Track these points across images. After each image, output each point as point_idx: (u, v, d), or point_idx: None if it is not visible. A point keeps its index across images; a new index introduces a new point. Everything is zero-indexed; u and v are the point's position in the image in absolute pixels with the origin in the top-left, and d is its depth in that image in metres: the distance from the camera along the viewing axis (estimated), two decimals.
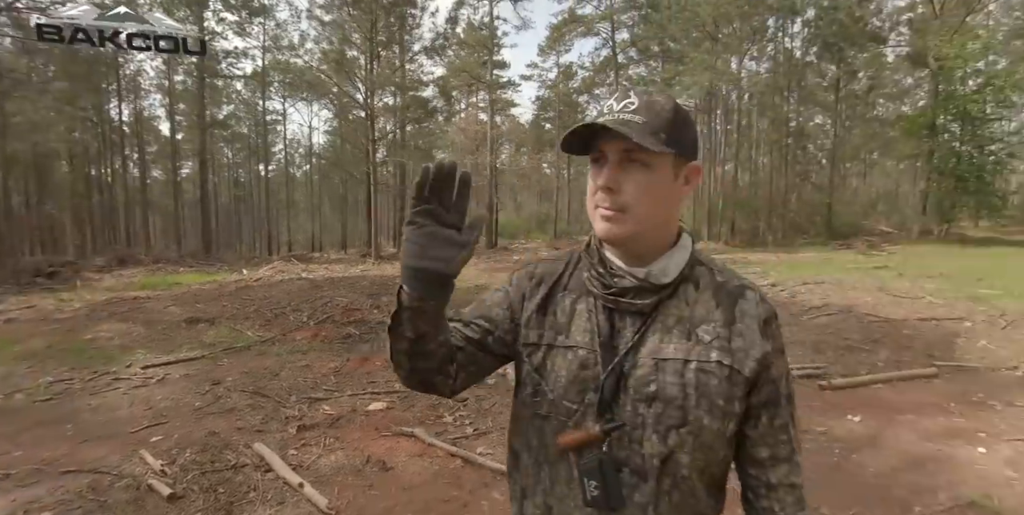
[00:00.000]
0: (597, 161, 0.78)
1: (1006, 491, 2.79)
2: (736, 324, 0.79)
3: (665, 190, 0.77)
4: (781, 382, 0.80)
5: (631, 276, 0.80)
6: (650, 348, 0.78)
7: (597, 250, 0.85)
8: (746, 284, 0.83)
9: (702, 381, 0.76)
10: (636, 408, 0.77)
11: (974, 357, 5.24)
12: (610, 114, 0.75)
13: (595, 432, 0.77)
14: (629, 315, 0.81)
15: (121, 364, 5.61)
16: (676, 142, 0.76)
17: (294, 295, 9.31)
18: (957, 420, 3.76)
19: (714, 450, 0.78)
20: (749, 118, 27.86)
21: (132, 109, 28.87)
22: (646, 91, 0.78)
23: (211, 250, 24.53)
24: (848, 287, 8.61)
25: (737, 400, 0.77)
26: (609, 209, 0.76)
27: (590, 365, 0.80)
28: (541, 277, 0.90)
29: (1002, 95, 19.85)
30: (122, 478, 3.10)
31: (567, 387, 0.81)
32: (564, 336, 0.83)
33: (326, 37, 20.79)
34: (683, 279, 0.82)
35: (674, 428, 0.76)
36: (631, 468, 0.77)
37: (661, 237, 0.82)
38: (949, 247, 17.85)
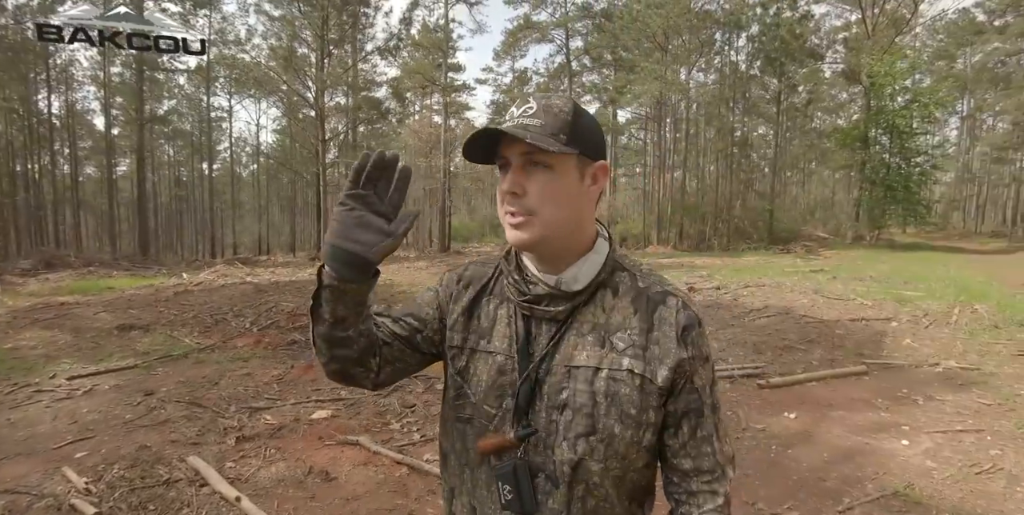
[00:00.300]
0: (503, 168, 0.78)
1: (926, 481, 2.97)
2: (653, 332, 0.78)
3: (570, 191, 0.77)
4: (704, 391, 0.79)
5: (543, 283, 0.80)
6: (564, 355, 0.78)
7: (516, 256, 0.85)
8: (669, 290, 0.82)
9: (612, 389, 0.76)
10: (550, 415, 0.77)
11: (900, 355, 5.58)
12: (511, 120, 0.76)
13: (510, 438, 0.78)
14: (545, 322, 0.81)
15: (44, 375, 5.22)
16: (577, 142, 0.75)
17: (237, 300, 8.94)
18: (883, 415, 3.99)
19: (629, 459, 0.78)
20: (697, 127, 28.90)
21: (63, 101, 27.07)
22: (546, 95, 0.77)
23: (149, 253, 23.28)
24: (787, 290, 9.02)
25: (651, 409, 0.77)
26: (516, 214, 0.76)
27: (507, 371, 0.81)
28: (469, 280, 0.90)
29: (927, 111, 21.39)
30: (42, 498, 2.87)
31: (487, 392, 0.81)
32: (486, 341, 0.84)
33: (275, 33, 20.16)
34: (600, 285, 0.81)
35: (583, 436, 0.76)
36: (545, 474, 0.78)
37: (575, 241, 0.80)
38: (879, 252, 19.04)
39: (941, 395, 4.37)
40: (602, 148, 0.80)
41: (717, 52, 27.75)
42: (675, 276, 12.12)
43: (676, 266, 15.37)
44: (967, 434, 3.59)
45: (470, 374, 0.84)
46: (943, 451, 3.35)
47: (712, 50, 27.09)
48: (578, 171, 0.77)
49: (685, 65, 24.96)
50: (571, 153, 0.75)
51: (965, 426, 3.72)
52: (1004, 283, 10.25)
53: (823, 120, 34.74)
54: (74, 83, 27.23)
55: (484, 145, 0.77)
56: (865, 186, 22.96)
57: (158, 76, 27.16)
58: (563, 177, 0.76)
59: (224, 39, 24.33)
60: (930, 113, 21.62)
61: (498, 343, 0.83)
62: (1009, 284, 10.12)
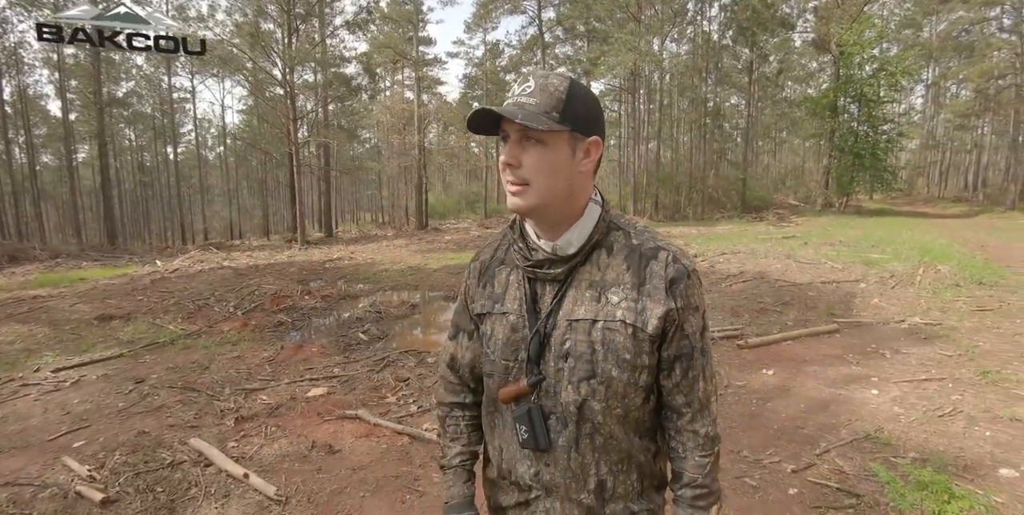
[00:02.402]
0: (504, 139, 0.85)
1: (894, 425, 3.20)
2: (645, 285, 0.86)
3: (561, 164, 0.83)
4: (695, 337, 0.89)
5: (542, 250, 0.90)
6: (565, 311, 0.88)
7: (520, 226, 0.95)
8: (661, 245, 0.89)
9: (608, 338, 0.85)
10: (556, 364, 0.88)
11: (868, 314, 5.86)
12: (511, 98, 0.83)
13: (524, 385, 0.89)
14: (548, 283, 0.91)
15: (28, 369, 5.12)
16: (570, 119, 0.81)
17: (217, 285, 8.84)
18: (854, 368, 4.23)
19: (628, 398, 0.88)
20: (671, 98, 28.87)
21: (14, 86, 25.60)
22: (545, 74, 0.84)
23: (117, 242, 22.61)
24: (761, 256, 9.28)
25: (644, 354, 0.87)
26: (513, 183, 0.84)
27: (519, 328, 0.91)
28: (484, 260, 1.01)
29: (893, 79, 21.71)
30: (46, 488, 2.87)
31: (503, 348, 0.92)
32: (500, 304, 0.95)
33: (239, 8, 19.27)
34: (595, 246, 0.90)
35: (584, 379, 0.87)
36: (556, 415, 0.89)
37: (569, 208, 0.87)
38: (848, 218, 19.59)
39: (907, 349, 4.64)
40: (598, 124, 0.87)
41: (690, 22, 27.56)
42: None
43: None
44: (931, 382, 3.84)
45: (489, 335, 0.95)
46: (909, 398, 3.59)
47: (685, 20, 26.88)
48: (569, 146, 0.83)
49: (658, 36, 24.76)
50: (562, 130, 0.81)
51: (929, 375, 3.98)
52: (965, 245, 10.74)
53: (794, 89, 34.98)
54: (24, 66, 25.76)
55: (486, 119, 0.84)
56: (834, 154, 23.36)
57: (114, 57, 25.88)
58: (555, 152, 0.82)
59: (185, 16, 23.25)
60: (897, 81, 21.96)
61: (510, 305, 0.93)
62: (969, 246, 10.61)
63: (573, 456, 0.89)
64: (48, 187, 31.69)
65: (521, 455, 0.93)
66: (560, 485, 0.91)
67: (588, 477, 0.90)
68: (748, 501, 2.50)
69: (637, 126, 26.56)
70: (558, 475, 0.90)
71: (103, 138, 23.75)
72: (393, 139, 27.43)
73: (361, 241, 19.65)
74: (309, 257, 13.71)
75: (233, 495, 2.76)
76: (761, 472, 2.72)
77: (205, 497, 2.76)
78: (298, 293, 8.19)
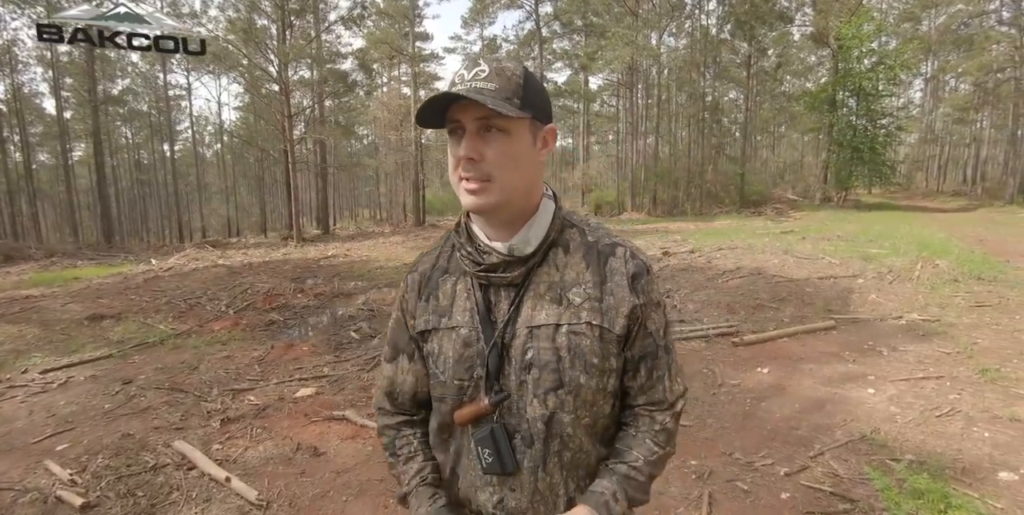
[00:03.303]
0: (454, 133, 0.77)
1: (891, 425, 3.14)
2: (607, 283, 0.81)
3: (526, 155, 0.78)
4: (658, 335, 0.85)
5: (496, 252, 0.81)
6: (524, 317, 0.81)
7: (466, 228, 0.86)
8: (617, 242, 0.85)
9: (574, 343, 0.79)
10: (519, 376, 0.80)
11: (865, 310, 5.80)
12: (462, 83, 0.75)
13: (485, 405, 0.80)
14: (503, 288, 0.83)
15: (15, 370, 5.07)
16: (530, 106, 0.76)
17: (210, 283, 8.78)
18: (851, 366, 4.17)
19: (597, 405, 0.82)
20: (669, 93, 28.76)
21: (9, 84, 25.44)
22: (496, 58, 0.77)
23: (113, 240, 22.54)
24: (758, 251, 9.21)
25: (612, 356, 0.81)
26: (474, 180, 0.76)
27: (473, 342, 0.82)
28: (424, 272, 0.91)
29: (892, 73, 21.61)
30: (27, 492, 2.83)
31: (455, 367, 0.83)
32: (447, 318, 0.85)
33: (232, 4, 19.14)
34: (551, 244, 0.83)
35: (552, 390, 0.79)
36: (521, 434, 0.81)
37: (527, 204, 0.82)
38: (846, 212, 19.52)
39: (904, 346, 4.57)
40: (550, 111, 0.82)
41: (688, 16, 27.42)
42: (650, 241, 12.28)
43: (651, 231, 15.55)
44: (928, 381, 3.78)
45: (437, 354, 0.85)
46: (906, 397, 3.52)
47: (683, 14, 26.75)
48: (531, 135, 0.78)
49: (656, 30, 24.63)
50: (525, 117, 0.75)
51: (926, 374, 3.91)
52: (964, 239, 10.67)
53: (792, 84, 34.83)
54: (18, 64, 25.60)
55: (435, 110, 0.75)
56: (833, 148, 23.28)
57: (109, 54, 25.69)
58: (519, 141, 0.76)
59: (178, 12, 23.07)
60: (895, 75, 21.87)
61: (459, 317, 0.84)
62: (968, 240, 10.54)
63: (540, 476, 0.81)
64: (45, 186, 31.59)
65: (482, 482, 0.84)
66: (527, 510, 0.83)
67: (557, 498, 0.82)
68: (739, 506, 2.43)
69: (635, 121, 26.47)
70: (524, 500, 0.82)
71: (98, 136, 23.63)
72: (390, 136, 27.27)
73: (358, 238, 19.58)
74: (304, 254, 13.64)
75: (215, 499, 2.71)
76: (753, 475, 2.66)
77: (186, 501, 2.71)
78: (291, 291, 8.13)
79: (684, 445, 2.98)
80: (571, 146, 47.30)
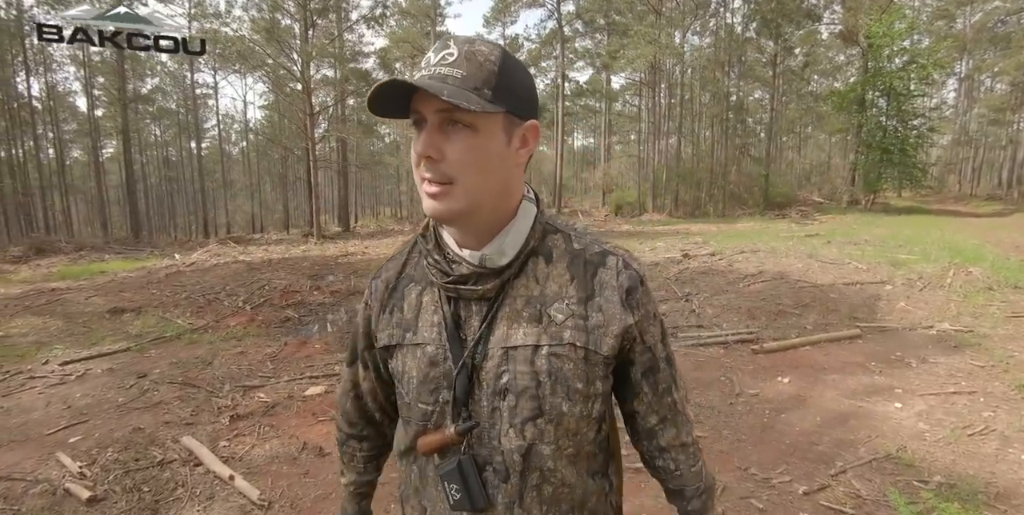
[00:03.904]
0: (418, 124, 0.67)
1: (919, 443, 2.98)
2: (595, 298, 0.72)
3: (496, 155, 0.67)
4: (657, 348, 0.78)
5: (466, 262, 0.72)
6: (499, 336, 0.71)
7: (434, 233, 0.77)
8: (608, 250, 0.75)
9: (555, 366, 0.70)
10: (492, 403, 0.71)
11: (894, 318, 5.58)
12: (427, 68, 0.65)
13: (451, 433, 0.71)
14: (474, 302, 0.73)
15: (37, 361, 5.19)
16: (506, 98, 0.65)
17: (229, 279, 8.88)
18: (877, 378, 3.99)
19: (581, 433, 0.74)
20: (692, 92, 28.37)
21: (43, 83, 26.27)
22: (469, 39, 0.66)
23: (141, 235, 23.08)
24: (781, 255, 8.98)
25: (599, 379, 0.73)
26: (433, 182, 0.66)
27: (440, 361, 0.73)
28: (389, 279, 0.82)
29: (925, 72, 20.97)
30: (37, 483, 2.87)
31: (419, 388, 0.74)
32: (412, 333, 0.76)
33: (256, 3, 19.44)
34: (531, 253, 0.74)
35: (530, 420, 0.70)
36: (493, 467, 0.72)
37: (501, 210, 0.71)
38: (874, 216, 18.99)
39: (935, 357, 4.37)
40: (534, 106, 0.71)
41: (712, 14, 27.00)
42: (670, 243, 12.09)
43: (671, 233, 15.33)
44: (960, 396, 3.59)
45: (400, 372, 0.76)
46: (936, 413, 3.35)
47: (707, 12, 26.34)
48: (505, 132, 0.67)
49: (680, 28, 24.30)
50: (497, 111, 0.64)
51: (958, 388, 3.72)
52: (999, 246, 10.26)
53: (820, 83, 34.14)
54: (53, 64, 26.41)
55: (394, 98, 0.65)
56: (861, 149, 22.71)
57: (139, 54, 26.33)
58: (487, 139, 0.65)
59: (204, 13, 23.53)
60: (928, 74, 21.23)
61: (425, 333, 0.74)
62: (1004, 246, 10.13)
63: (517, 513, 0.72)
64: (77, 181, 32.51)
65: None
66: None
67: None
68: None
69: (657, 121, 26.16)
70: None
71: (127, 134, 24.24)
72: (411, 134, 27.36)
73: (377, 236, 19.71)
74: (323, 252, 13.76)
75: (217, 497, 2.71)
76: (769, 493, 2.53)
77: (190, 499, 2.71)
78: (307, 288, 8.17)
79: None
80: (592, 146, 47.01)
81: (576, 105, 36.80)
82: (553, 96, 31.95)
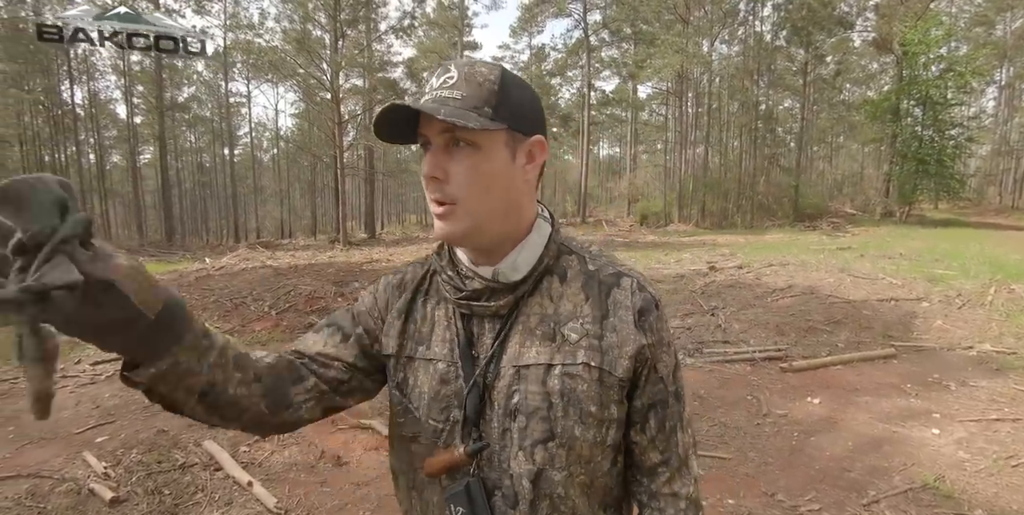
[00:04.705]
0: (425, 147, 0.68)
1: (958, 473, 2.83)
2: (609, 318, 0.70)
3: (500, 172, 0.67)
4: (669, 379, 0.74)
5: (479, 277, 0.71)
6: (511, 355, 0.70)
7: (448, 250, 0.76)
8: (623, 271, 0.74)
9: (568, 387, 0.68)
10: (502, 424, 0.69)
11: (931, 337, 5.36)
12: (429, 93, 0.66)
13: (460, 454, 0.69)
14: (487, 319, 0.72)
15: (70, 360, 5.35)
16: (507, 115, 0.66)
17: (256, 284, 9.03)
18: (913, 401, 3.83)
19: (595, 462, 0.70)
20: (720, 101, 28.07)
21: (86, 91, 27.49)
22: (468, 62, 0.68)
23: (174, 238, 23.77)
24: (812, 268, 8.76)
25: (614, 404, 0.70)
26: (440, 202, 0.66)
27: (451, 379, 0.72)
28: (406, 282, 0.81)
29: (963, 81, 20.38)
30: (64, 482, 2.94)
31: (430, 405, 0.72)
32: (424, 347, 0.74)
33: (288, 15, 20.02)
34: (545, 271, 0.73)
35: (540, 443, 0.68)
36: (502, 491, 0.69)
37: (511, 227, 0.71)
38: (910, 228, 18.41)
39: (975, 381, 4.19)
40: (539, 121, 0.71)
41: (741, 23, 26.75)
42: (696, 254, 11.90)
43: (698, 244, 15.10)
44: (1003, 423, 3.42)
45: (410, 386, 0.74)
46: (976, 441, 3.19)
47: (736, 21, 26.11)
48: (508, 149, 0.68)
49: (707, 37, 24.12)
50: (497, 129, 0.65)
51: (1001, 414, 3.55)
52: None
53: (852, 92, 33.43)
54: (96, 73, 27.60)
55: (400, 124, 0.67)
56: (896, 160, 22.13)
57: (177, 63, 27.33)
58: (491, 157, 0.66)
59: (238, 24, 24.31)
60: (966, 83, 20.63)
61: (438, 349, 0.73)
62: None
63: None
64: (116, 186, 33.76)
65: None
66: None
67: None
68: None
69: (684, 130, 25.93)
70: None
71: (164, 140, 25.10)
72: None
73: (403, 243, 19.90)
74: (349, 258, 13.93)
75: (236, 503, 2.73)
76: None
77: (208, 503, 2.74)
78: (331, 294, 8.26)
79: (722, 480, 2.78)
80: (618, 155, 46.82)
81: (602, 114, 36.76)
82: (579, 105, 31.99)
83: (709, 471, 2.91)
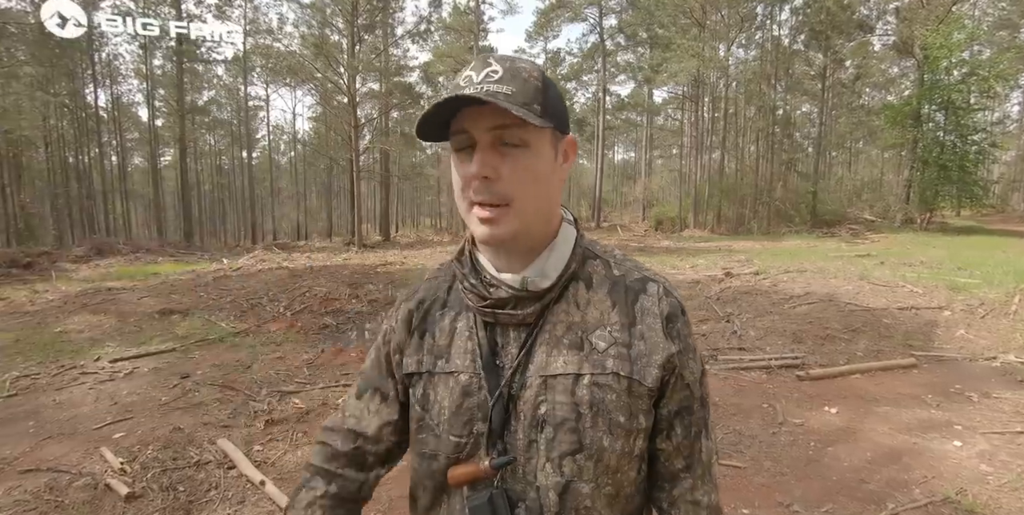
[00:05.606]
0: (461, 147, 0.65)
1: (981, 487, 2.75)
2: (636, 325, 0.69)
3: (548, 172, 0.66)
4: (695, 386, 0.73)
5: (505, 286, 0.69)
6: (538, 364, 0.68)
7: (470, 257, 0.75)
8: (648, 276, 0.73)
9: (597, 397, 0.66)
10: (528, 435, 0.67)
11: (952, 347, 5.24)
12: (470, 86, 0.62)
13: (484, 467, 0.67)
14: (512, 328, 0.70)
15: (89, 357, 5.44)
16: (552, 113, 0.64)
17: (272, 285, 9.13)
18: (934, 412, 3.74)
19: (623, 472, 0.69)
20: (736, 106, 27.84)
21: (109, 95, 28.10)
22: (508, 57, 0.65)
23: (193, 239, 24.14)
24: (830, 275, 8.62)
25: (642, 413, 0.68)
26: (490, 204, 0.64)
27: (474, 391, 0.69)
28: (421, 300, 0.78)
29: (986, 85, 19.98)
30: (81, 477, 2.99)
31: (451, 420, 0.70)
32: (444, 361, 0.72)
33: (306, 20, 20.32)
34: (572, 278, 0.71)
35: (569, 455, 0.66)
36: (527, 503, 0.67)
37: (546, 230, 0.70)
38: (931, 235, 18.06)
39: (998, 392, 4.08)
40: (568, 120, 0.71)
41: (758, 27, 26.53)
42: (712, 260, 11.78)
43: (713, 250, 14.95)
44: None
45: (430, 402, 0.72)
46: (1000, 454, 3.10)
47: (753, 25, 25.90)
48: (552, 148, 0.67)
49: (724, 41, 23.96)
50: (548, 127, 0.64)
51: None
52: None
53: (872, 96, 32.95)
54: (119, 77, 28.22)
55: (439, 119, 0.64)
56: (917, 166, 21.71)
57: (197, 67, 27.84)
58: (540, 156, 0.65)
59: (257, 28, 24.71)
60: (990, 87, 20.20)
61: (459, 361, 0.71)
62: None
63: None
64: (137, 187, 34.42)
65: None
66: None
67: None
68: None
69: (700, 135, 25.77)
70: None
71: (183, 143, 25.54)
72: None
73: (416, 246, 20.00)
74: (363, 260, 14.03)
75: (248, 502, 2.75)
76: None
77: (221, 501, 2.77)
78: (346, 296, 8.32)
79: (736, 489, 2.73)
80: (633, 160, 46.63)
81: (617, 119, 36.69)
82: (594, 110, 31.95)
83: (724, 479, 2.87)
